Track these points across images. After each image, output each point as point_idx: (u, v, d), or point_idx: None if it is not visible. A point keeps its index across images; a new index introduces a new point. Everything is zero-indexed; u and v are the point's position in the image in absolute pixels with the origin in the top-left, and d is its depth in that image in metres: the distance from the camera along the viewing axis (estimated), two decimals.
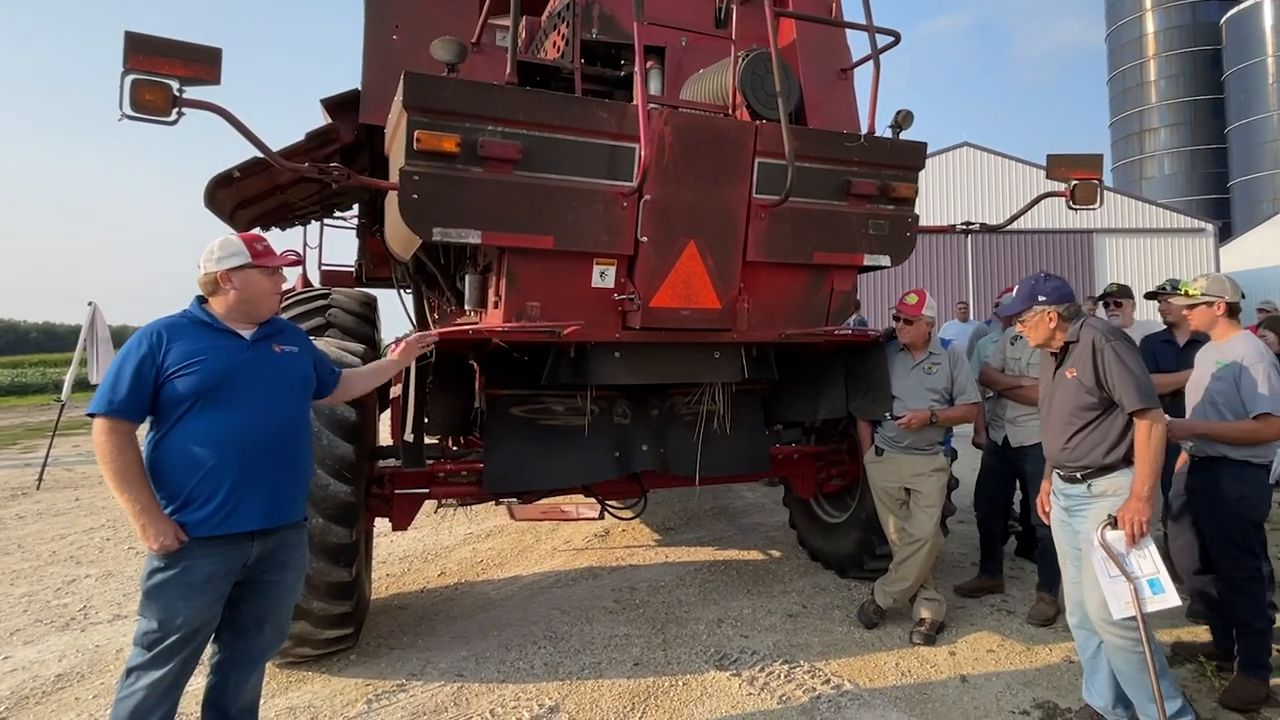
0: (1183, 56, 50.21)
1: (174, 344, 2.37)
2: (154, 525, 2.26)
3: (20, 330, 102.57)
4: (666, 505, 7.12)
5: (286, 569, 2.55)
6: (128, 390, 2.30)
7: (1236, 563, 3.34)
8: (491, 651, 3.92)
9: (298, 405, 2.59)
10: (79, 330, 10.14)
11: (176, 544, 2.28)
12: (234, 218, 5.03)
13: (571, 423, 4.24)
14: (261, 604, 2.52)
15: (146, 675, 2.29)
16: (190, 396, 2.33)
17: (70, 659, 3.96)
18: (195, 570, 2.30)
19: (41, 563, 5.80)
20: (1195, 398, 3.53)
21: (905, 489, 4.16)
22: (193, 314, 2.48)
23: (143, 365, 2.32)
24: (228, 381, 2.37)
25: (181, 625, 2.29)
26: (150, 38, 2.66)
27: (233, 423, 2.36)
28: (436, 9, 4.07)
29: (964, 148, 24.82)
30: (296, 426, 2.56)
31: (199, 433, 2.33)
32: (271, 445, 2.43)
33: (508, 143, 3.15)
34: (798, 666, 3.73)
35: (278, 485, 2.45)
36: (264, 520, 2.41)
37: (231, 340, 2.46)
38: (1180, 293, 3.66)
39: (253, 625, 2.53)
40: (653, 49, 4.10)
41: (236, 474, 2.34)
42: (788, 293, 3.95)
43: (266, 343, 2.54)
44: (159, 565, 2.30)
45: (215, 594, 2.37)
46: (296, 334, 2.75)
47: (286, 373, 2.55)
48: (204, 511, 2.32)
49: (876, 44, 3.95)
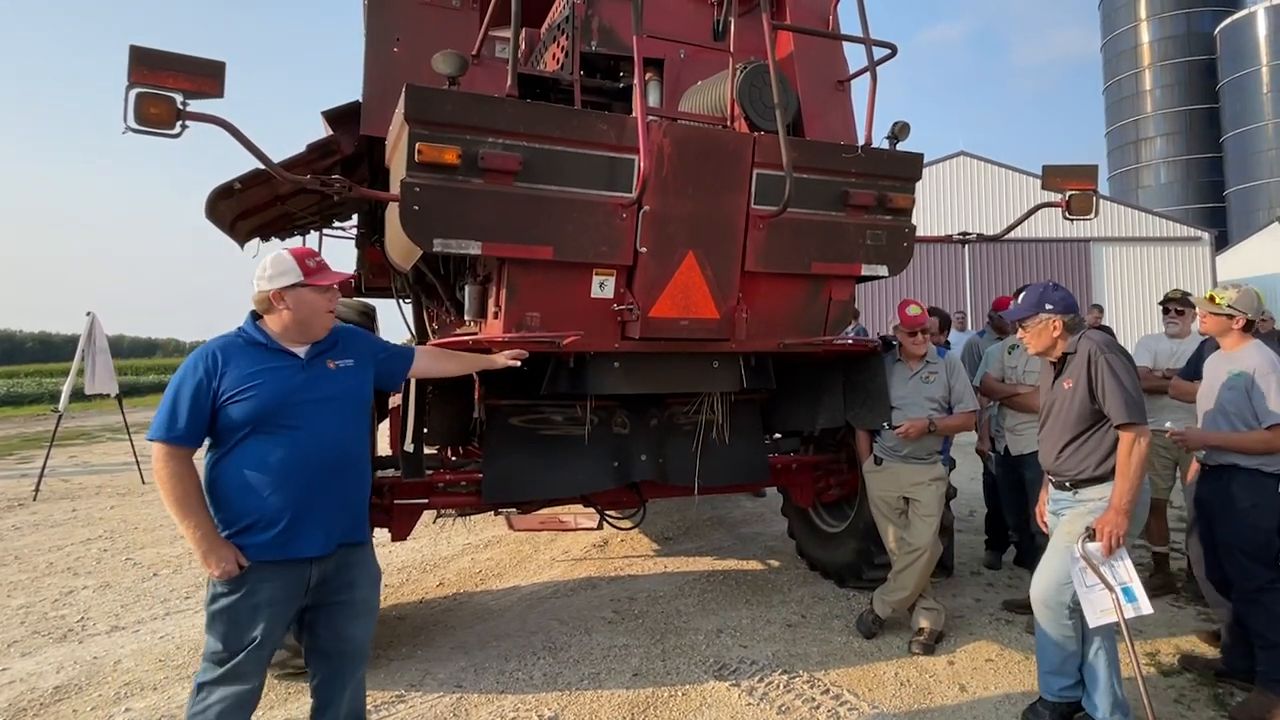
0: (1178, 66, 50.57)
1: (229, 367, 2.33)
2: (215, 552, 2.25)
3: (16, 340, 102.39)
4: (665, 515, 7.12)
5: (356, 587, 2.51)
6: (186, 418, 2.28)
7: (1248, 573, 3.32)
8: (490, 662, 3.91)
9: (355, 423, 2.52)
10: (76, 340, 10.12)
11: (237, 570, 2.28)
12: (234, 228, 5.04)
13: (570, 433, 4.25)
14: (336, 625, 2.49)
15: (216, 691, 2.30)
16: (246, 423, 2.30)
17: (68, 671, 3.95)
18: (256, 594, 2.30)
19: (39, 574, 5.79)
20: (1206, 406, 3.54)
21: (904, 498, 4.17)
22: (247, 333, 2.43)
23: (199, 391, 2.30)
24: (283, 406, 2.34)
25: (246, 646, 2.29)
26: (154, 52, 2.68)
27: (289, 448, 2.32)
28: (437, 22, 4.10)
29: (961, 157, 24.93)
30: (354, 446, 2.50)
31: (255, 458, 2.31)
32: (329, 468, 2.39)
33: (508, 154, 3.17)
34: (797, 676, 3.73)
35: (336, 508, 2.42)
36: (323, 546, 2.38)
37: (286, 360, 2.42)
38: (1205, 297, 3.61)
39: (332, 646, 2.50)
40: (651, 61, 4.13)
41: (294, 499, 2.32)
42: (786, 303, 3.97)
43: (321, 360, 2.49)
44: (221, 590, 2.30)
45: (277, 616, 2.35)
46: (354, 341, 2.67)
47: (342, 391, 2.49)
48: (264, 537, 2.30)
49: (873, 56, 3.98)
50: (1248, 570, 3.32)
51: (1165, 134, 51.25)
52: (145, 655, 4.11)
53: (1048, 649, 3.15)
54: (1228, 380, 3.43)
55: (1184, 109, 50.38)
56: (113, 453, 13.19)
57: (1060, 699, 3.15)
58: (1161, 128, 51.35)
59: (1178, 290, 5.01)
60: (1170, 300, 4.96)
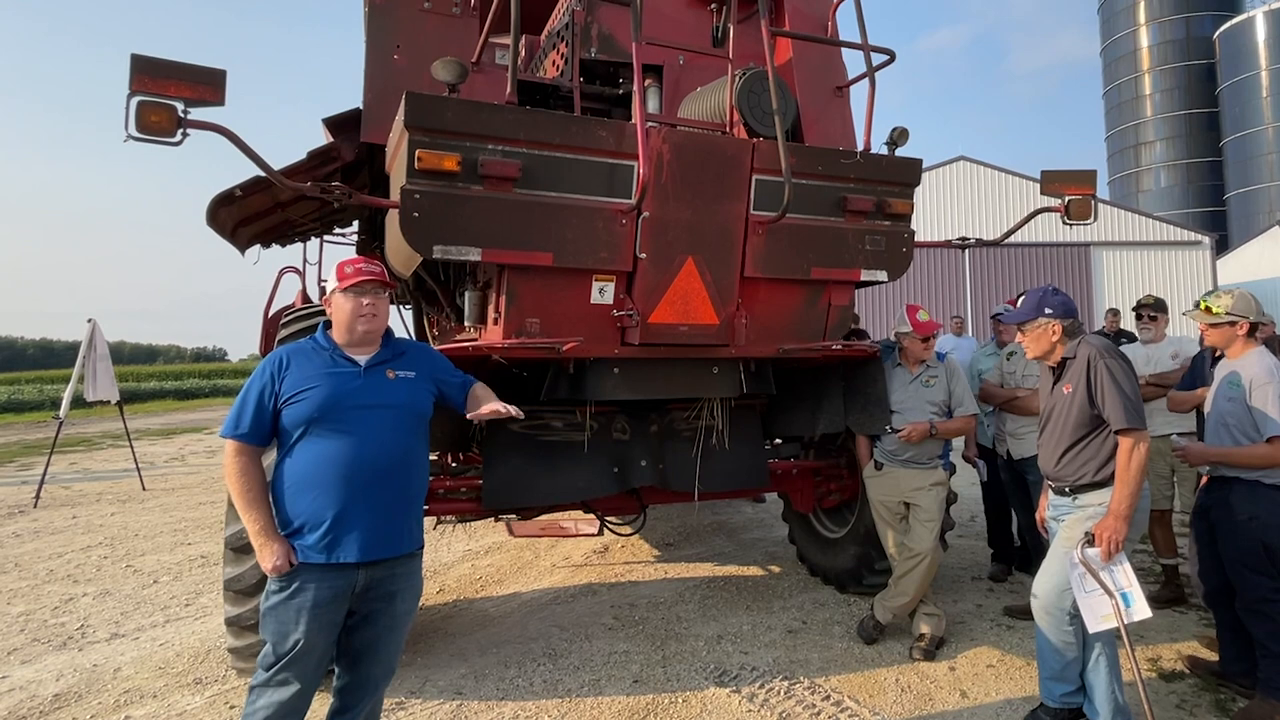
0: (1177, 70, 50.66)
1: (291, 370, 2.43)
2: (267, 546, 2.33)
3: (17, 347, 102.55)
4: (665, 521, 7.11)
5: (396, 599, 2.50)
6: (251, 416, 2.39)
7: (1250, 584, 3.30)
8: (490, 669, 3.91)
9: (408, 433, 2.52)
10: (76, 347, 10.13)
11: (288, 566, 2.32)
12: (235, 235, 5.05)
13: (570, 438, 4.25)
14: (371, 633, 2.50)
15: (266, 694, 2.34)
16: (300, 424, 2.37)
17: (68, 678, 3.95)
18: (304, 594, 2.33)
19: (39, 581, 5.78)
20: (1210, 418, 3.51)
21: (904, 503, 4.17)
22: (316, 340, 2.53)
23: (263, 392, 2.41)
24: (335, 410, 2.38)
25: (293, 647, 2.32)
26: (156, 60, 2.69)
27: (337, 452, 2.36)
28: (437, 29, 4.11)
29: (960, 161, 24.96)
30: (405, 455, 2.50)
31: (307, 461, 2.37)
32: (377, 475, 2.39)
33: (508, 161, 3.18)
34: (798, 683, 3.72)
35: (382, 517, 2.41)
36: (363, 553, 2.37)
37: (344, 367, 2.48)
38: (1200, 309, 3.56)
39: (364, 653, 2.51)
40: (651, 67, 4.15)
41: (340, 504, 2.34)
42: (785, 308, 3.97)
43: (381, 368, 2.52)
44: (273, 587, 2.37)
45: (325, 620, 2.37)
46: (420, 356, 2.70)
47: (398, 400, 2.51)
48: (311, 539, 2.34)
49: (872, 62, 4.00)
50: (1250, 581, 3.30)
51: (1165, 138, 51.32)
52: (145, 663, 4.11)
53: (1049, 655, 3.14)
54: (1227, 390, 3.40)
55: (1184, 113, 50.46)
56: (113, 459, 13.19)
57: (1062, 705, 3.14)
58: (1161, 132, 51.42)
59: (1150, 296, 5.08)
60: (1143, 306, 5.02)
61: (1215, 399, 3.48)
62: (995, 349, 5.42)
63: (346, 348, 2.52)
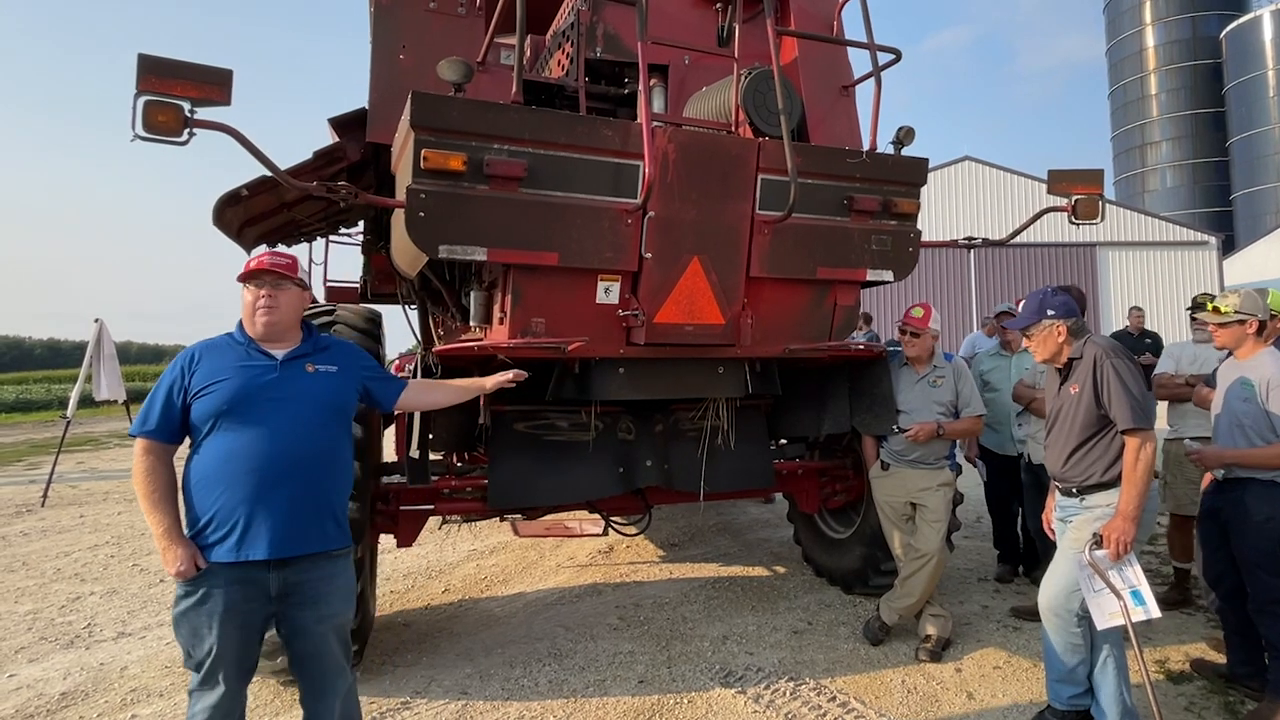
0: (1183, 70, 50.50)
1: (201, 364, 2.37)
2: (171, 550, 2.25)
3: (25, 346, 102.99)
4: (670, 521, 7.11)
5: (321, 604, 2.40)
6: (158, 412, 2.32)
7: (1264, 585, 3.27)
8: (496, 669, 3.91)
9: (325, 428, 2.45)
10: (84, 347, 10.18)
11: (194, 570, 2.25)
12: (241, 235, 5.06)
13: (576, 438, 4.24)
14: (309, 644, 2.42)
15: (201, 699, 2.29)
16: (208, 419, 2.30)
17: (75, 677, 3.96)
18: (214, 599, 2.26)
19: (46, 580, 5.80)
20: (1220, 417, 3.48)
21: (911, 504, 4.15)
22: (232, 335, 2.48)
23: (172, 387, 2.34)
24: (244, 404, 2.31)
25: (210, 652, 2.25)
26: (162, 60, 2.69)
27: (246, 447, 2.29)
28: (443, 29, 4.11)
29: (966, 162, 24.92)
30: (321, 450, 2.42)
31: (215, 456, 2.30)
32: (287, 470, 2.32)
33: (513, 161, 3.18)
34: (803, 684, 3.71)
35: (292, 513, 2.32)
36: (271, 550, 2.28)
37: (258, 361, 2.41)
38: (1209, 310, 3.53)
39: (310, 659, 2.44)
40: (656, 67, 4.14)
41: (248, 499, 2.27)
42: (791, 308, 3.96)
43: (300, 362, 2.47)
44: (181, 592, 2.29)
45: (239, 622, 2.29)
46: (343, 352, 2.65)
47: (315, 394, 2.45)
48: (216, 536, 2.27)
49: (878, 61, 3.98)
50: (1264, 583, 3.27)
51: (1171, 138, 51.17)
52: (152, 661, 4.12)
53: (1056, 657, 3.12)
54: (1240, 391, 3.37)
55: (1190, 113, 50.30)
56: (120, 459, 13.23)
57: (1069, 707, 3.12)
58: (1167, 132, 51.27)
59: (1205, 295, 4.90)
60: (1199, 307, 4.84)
61: (1228, 400, 3.45)
62: (999, 350, 5.34)
63: (261, 342, 2.45)
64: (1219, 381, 3.58)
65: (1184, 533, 4.65)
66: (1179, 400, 4.46)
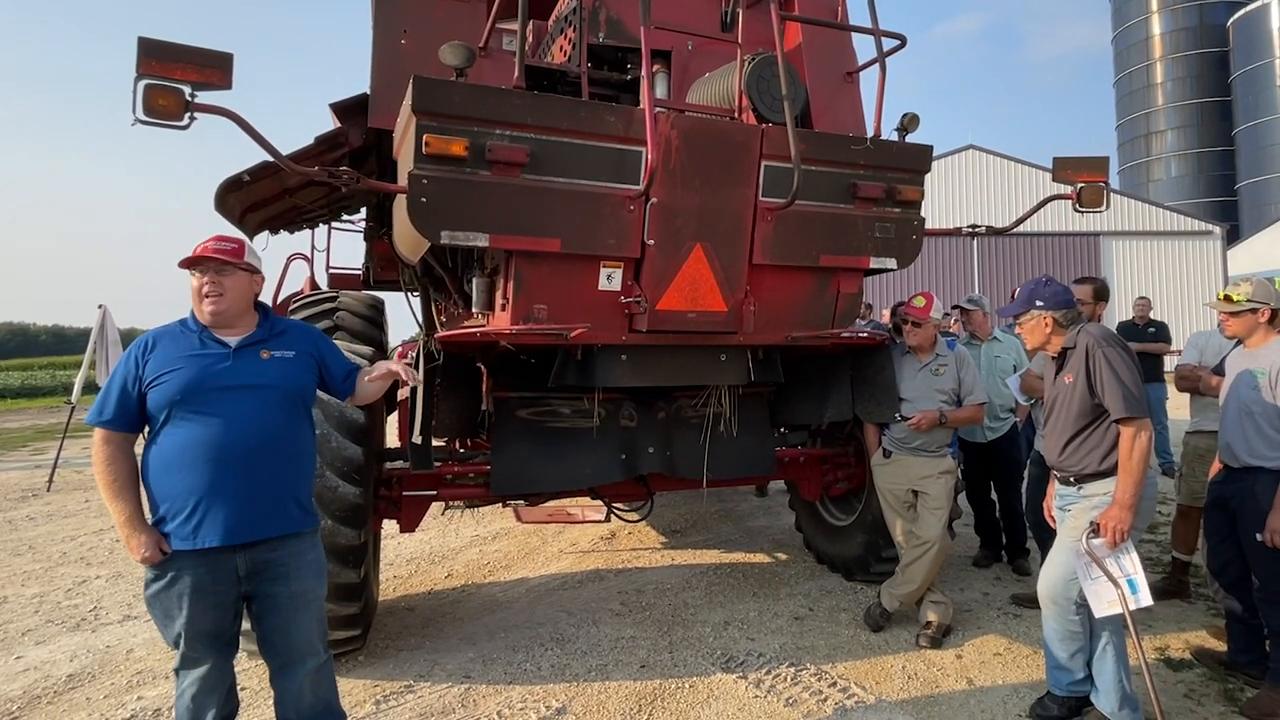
0: (1190, 59, 50.12)
1: (155, 353, 2.36)
2: (135, 537, 2.28)
3: (30, 333, 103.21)
4: (673, 508, 7.13)
5: (290, 580, 2.43)
6: (115, 402, 2.33)
7: (1272, 574, 3.27)
8: (498, 653, 3.93)
9: (281, 413, 2.44)
10: (89, 333, 10.21)
11: (158, 556, 2.28)
12: (243, 221, 5.05)
13: (578, 425, 4.25)
14: (276, 618, 2.44)
15: (186, 675, 2.35)
16: (163, 408, 2.30)
17: (81, 659, 3.99)
18: (181, 581, 2.29)
19: (52, 564, 5.84)
20: (1231, 407, 3.47)
21: (912, 491, 4.16)
22: (186, 322, 2.46)
23: (126, 377, 2.34)
24: (198, 393, 2.31)
25: (183, 631, 2.30)
26: (163, 43, 2.67)
27: (201, 435, 2.29)
28: (444, 14, 4.09)
29: (970, 150, 24.81)
30: (276, 436, 2.41)
31: (172, 445, 2.30)
32: (243, 457, 2.32)
33: (516, 146, 3.17)
34: (804, 669, 3.73)
35: (250, 499, 2.33)
36: (226, 537, 2.29)
37: (212, 349, 2.40)
38: (1220, 298, 3.53)
39: (276, 638, 2.46)
40: (659, 53, 4.11)
41: (203, 487, 2.28)
42: (794, 295, 3.95)
43: (255, 349, 2.46)
44: (149, 576, 2.33)
45: (210, 602, 2.32)
46: (300, 336, 2.63)
47: (270, 380, 2.43)
48: (175, 524, 2.29)
49: (882, 47, 3.96)
50: (1272, 572, 3.27)
51: (1176, 127, 50.85)
52: (157, 644, 4.14)
53: (1055, 644, 3.14)
54: (1250, 380, 3.37)
55: (1195, 102, 49.96)
56: None
57: (1069, 693, 3.14)
58: (1173, 121, 50.95)
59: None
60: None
61: (1236, 388, 3.44)
62: (970, 339, 5.51)
63: (212, 329, 2.43)
64: (1228, 369, 3.57)
65: (1190, 524, 4.57)
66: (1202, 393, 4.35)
